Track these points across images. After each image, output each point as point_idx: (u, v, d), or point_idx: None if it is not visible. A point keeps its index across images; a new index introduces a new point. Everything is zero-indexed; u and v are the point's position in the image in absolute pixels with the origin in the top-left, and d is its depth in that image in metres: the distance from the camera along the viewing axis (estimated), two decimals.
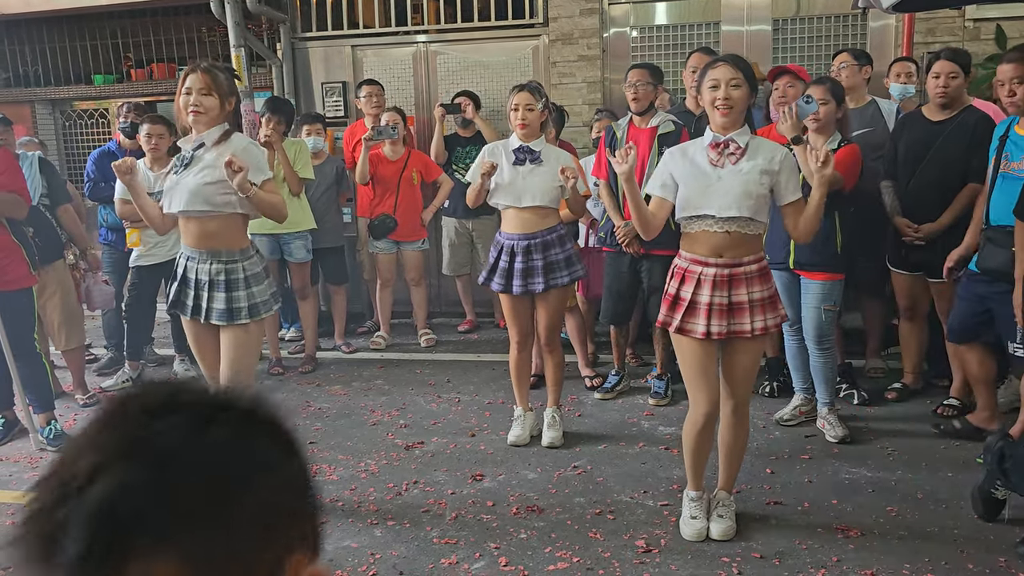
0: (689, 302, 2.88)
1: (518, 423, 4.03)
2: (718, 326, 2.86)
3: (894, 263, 4.22)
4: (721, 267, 2.85)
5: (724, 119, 2.81)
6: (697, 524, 3.05)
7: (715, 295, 2.85)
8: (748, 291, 2.86)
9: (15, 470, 3.91)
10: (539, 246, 3.73)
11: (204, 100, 3.06)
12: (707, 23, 5.98)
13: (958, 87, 3.90)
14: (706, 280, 2.86)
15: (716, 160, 2.86)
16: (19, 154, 4.66)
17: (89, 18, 7.31)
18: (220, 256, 3.14)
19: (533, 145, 3.75)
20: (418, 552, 3.01)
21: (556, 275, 3.76)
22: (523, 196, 3.72)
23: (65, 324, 4.74)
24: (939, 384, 4.40)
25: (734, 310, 2.86)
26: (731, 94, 2.78)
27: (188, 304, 3.17)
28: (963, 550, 2.89)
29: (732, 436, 3.03)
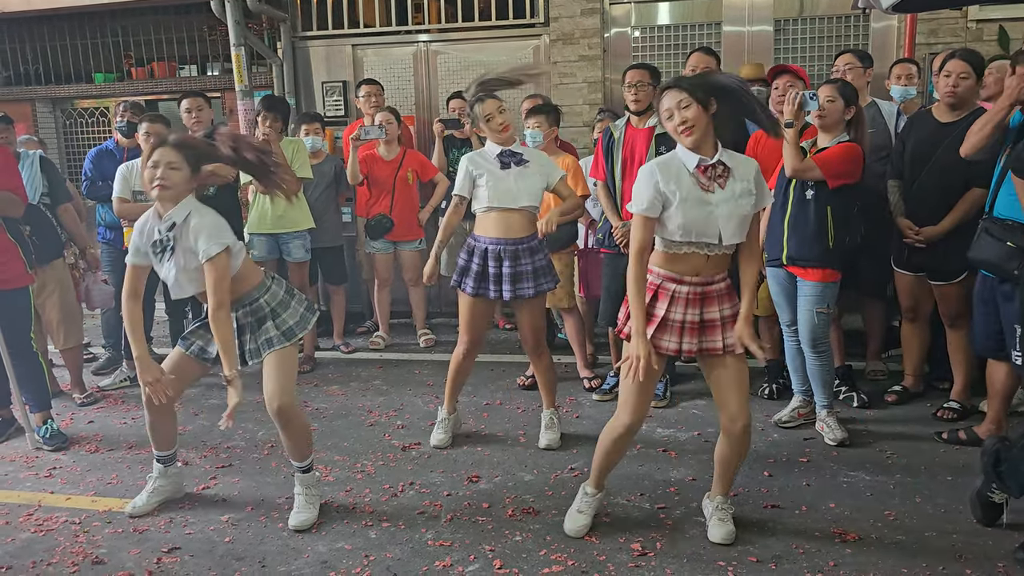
0: (662, 319, 2.85)
1: (441, 426, 4.02)
2: (689, 344, 2.86)
3: (898, 263, 4.19)
4: (695, 285, 2.83)
5: (689, 139, 2.75)
6: (580, 519, 3.09)
7: (688, 312, 2.84)
8: (719, 308, 2.85)
9: (11, 469, 3.90)
10: (527, 251, 3.72)
11: (172, 175, 3.01)
12: (709, 23, 5.96)
13: (968, 88, 3.83)
14: (680, 297, 2.84)
15: (706, 184, 2.78)
16: (20, 153, 4.66)
17: (90, 16, 7.31)
18: (242, 302, 3.17)
19: (515, 148, 3.75)
20: (412, 554, 2.99)
21: (543, 280, 3.76)
22: (519, 197, 3.70)
23: (64, 323, 4.74)
24: (940, 387, 4.38)
25: (706, 327, 2.86)
26: (685, 116, 2.72)
27: (212, 352, 3.21)
28: (961, 555, 2.86)
29: (734, 454, 2.95)
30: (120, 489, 3.63)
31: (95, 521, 3.34)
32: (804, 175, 3.70)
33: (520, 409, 4.46)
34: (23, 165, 4.57)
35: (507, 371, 5.08)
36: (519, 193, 3.70)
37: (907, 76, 4.67)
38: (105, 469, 3.87)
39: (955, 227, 3.86)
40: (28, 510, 3.44)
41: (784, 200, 3.82)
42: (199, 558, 3.02)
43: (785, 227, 3.81)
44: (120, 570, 2.96)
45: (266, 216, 5.13)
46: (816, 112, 3.70)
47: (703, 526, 3.11)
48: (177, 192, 3.05)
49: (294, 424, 3.20)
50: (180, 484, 3.53)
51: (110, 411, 4.69)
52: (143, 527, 3.26)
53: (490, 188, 3.70)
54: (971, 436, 3.73)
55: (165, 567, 2.97)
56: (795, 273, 3.84)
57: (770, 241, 3.90)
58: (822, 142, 3.78)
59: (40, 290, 4.59)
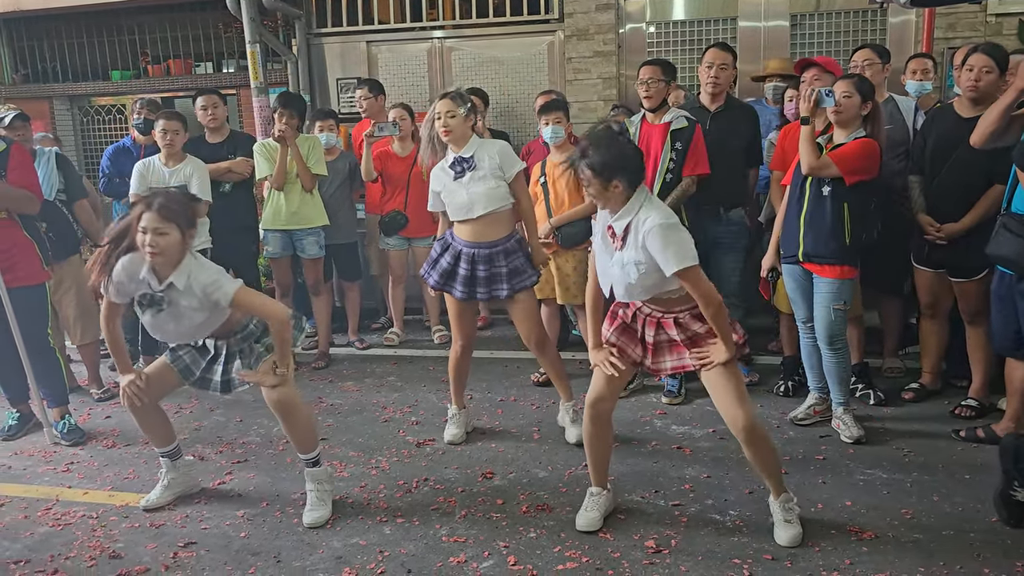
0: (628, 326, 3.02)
1: (453, 421, 4.03)
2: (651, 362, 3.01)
3: (918, 260, 4.15)
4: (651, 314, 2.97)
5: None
6: (588, 516, 3.10)
7: (646, 331, 2.97)
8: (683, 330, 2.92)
9: (29, 464, 3.94)
10: (500, 254, 3.72)
11: (161, 241, 2.95)
12: (724, 19, 5.94)
13: (990, 82, 3.76)
14: (640, 316, 2.99)
15: (611, 242, 2.89)
16: (36, 150, 4.69)
17: (107, 15, 7.37)
18: (235, 331, 3.24)
19: (464, 152, 3.69)
20: (427, 550, 2.99)
21: (520, 278, 3.75)
22: (473, 207, 3.67)
23: (80, 319, 4.78)
24: (957, 384, 4.34)
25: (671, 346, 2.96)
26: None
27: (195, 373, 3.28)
28: (979, 554, 2.84)
29: (753, 455, 2.93)
30: (137, 484, 3.66)
31: (112, 516, 3.36)
32: (821, 172, 3.67)
33: (534, 406, 4.45)
34: (39, 162, 4.60)
35: (521, 367, 5.07)
36: (472, 203, 3.67)
37: (923, 71, 4.62)
38: (122, 464, 3.89)
39: (976, 224, 3.82)
40: (46, 504, 3.47)
41: (800, 196, 3.79)
42: (215, 553, 3.04)
43: (801, 224, 3.78)
44: (137, 564, 2.98)
45: (280, 212, 5.14)
46: (832, 108, 3.67)
47: (718, 523, 3.10)
48: (171, 257, 3.01)
49: (295, 415, 3.22)
50: (193, 477, 3.55)
51: None
52: (160, 522, 3.29)
53: (447, 203, 3.74)
54: (989, 434, 3.70)
55: (181, 561, 2.99)
56: (811, 270, 3.81)
57: (786, 238, 3.87)
58: (838, 138, 3.75)
59: (57, 286, 4.63)
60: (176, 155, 4.79)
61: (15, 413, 4.31)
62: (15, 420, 4.29)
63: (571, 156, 2.86)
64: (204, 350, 3.27)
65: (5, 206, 3.99)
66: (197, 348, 3.28)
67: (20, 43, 7.70)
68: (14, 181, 3.96)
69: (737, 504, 3.24)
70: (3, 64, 7.74)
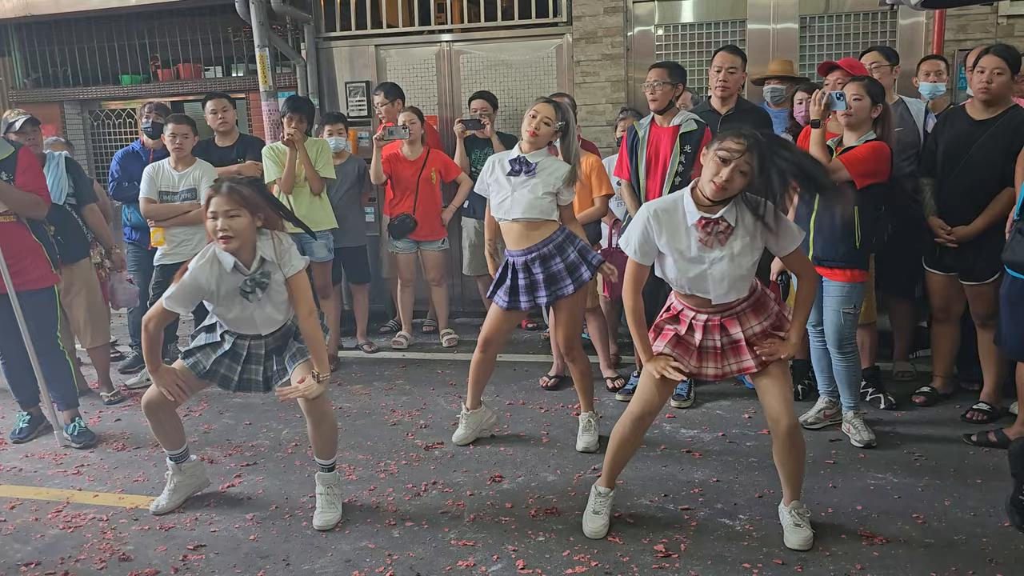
0: (681, 338, 2.90)
1: (462, 422, 4.02)
2: (711, 368, 2.90)
3: (929, 263, 4.13)
4: (712, 314, 2.86)
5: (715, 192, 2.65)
6: (598, 520, 3.07)
7: (707, 339, 2.86)
8: (743, 328, 2.85)
9: (40, 466, 3.95)
10: (536, 260, 3.67)
11: (233, 223, 2.99)
12: (733, 21, 5.92)
13: (1002, 84, 3.74)
14: (698, 325, 2.87)
15: (706, 240, 2.73)
16: (46, 154, 4.71)
17: (117, 19, 7.39)
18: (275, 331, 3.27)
19: (530, 157, 3.67)
20: (436, 554, 2.99)
21: (560, 286, 3.67)
22: (512, 209, 3.66)
23: (90, 322, 4.80)
24: (969, 388, 4.31)
25: (730, 350, 2.88)
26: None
27: (234, 379, 3.27)
28: (992, 559, 2.82)
29: (786, 456, 2.92)
30: (147, 487, 3.67)
31: (122, 518, 3.37)
32: (832, 176, 3.64)
33: (543, 409, 4.45)
34: (49, 166, 4.62)
35: (530, 371, 5.07)
36: (512, 205, 3.66)
37: (936, 73, 4.59)
38: (132, 467, 3.90)
39: (988, 227, 3.80)
40: (57, 507, 3.49)
41: (810, 199, 3.77)
42: (224, 556, 3.05)
43: (811, 227, 3.76)
44: (147, 567, 2.98)
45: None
46: (843, 112, 3.66)
47: (728, 527, 3.09)
48: (245, 240, 3.04)
49: (327, 421, 3.24)
50: (202, 477, 3.56)
51: (137, 409, 4.71)
52: (169, 524, 3.29)
53: (492, 193, 3.76)
54: (1001, 438, 3.67)
55: (191, 564, 2.99)
56: (821, 274, 3.80)
57: None
58: (848, 141, 3.74)
59: (67, 290, 4.65)
60: (185, 159, 4.81)
61: (26, 416, 4.32)
62: (26, 423, 4.31)
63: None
64: (236, 354, 3.26)
65: (14, 210, 4.01)
66: (213, 346, 3.26)
67: (31, 48, 7.74)
68: (23, 185, 3.98)
69: (747, 508, 3.23)
70: (14, 69, 7.78)
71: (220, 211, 2.98)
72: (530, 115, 3.67)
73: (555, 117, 3.63)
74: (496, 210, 3.74)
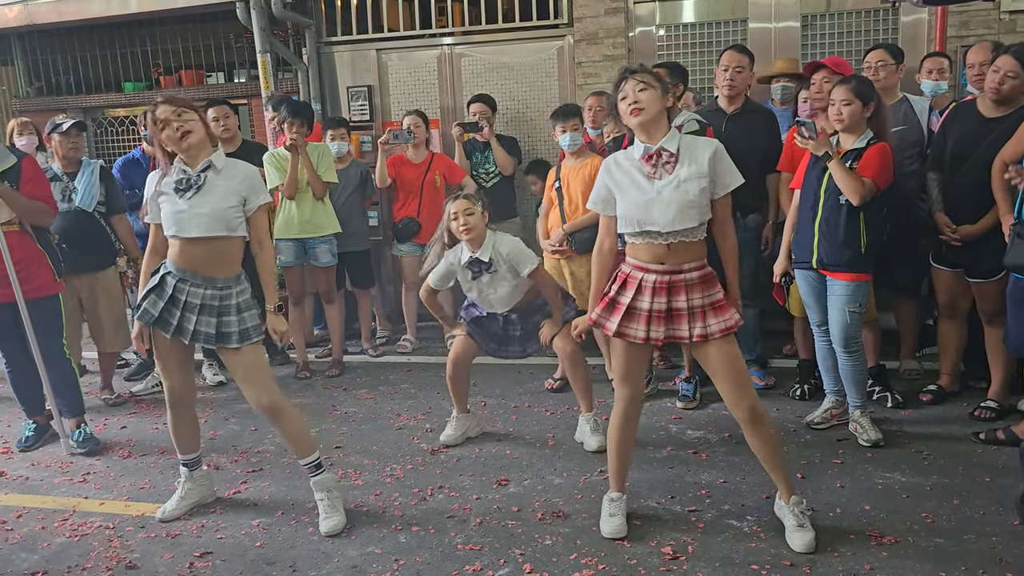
0: (628, 307, 2.93)
1: (451, 423, 4.08)
2: (656, 331, 2.91)
3: (936, 259, 4.11)
4: (661, 274, 2.88)
5: (635, 119, 2.82)
6: (614, 521, 3.08)
7: (655, 301, 2.89)
8: (688, 298, 2.87)
9: (46, 475, 3.96)
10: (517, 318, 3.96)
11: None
12: (734, 20, 5.90)
13: (1014, 87, 3.70)
14: (647, 286, 2.90)
15: (652, 172, 2.86)
16: (82, 160, 4.72)
17: (119, 27, 7.41)
18: (216, 283, 3.17)
19: (481, 255, 3.75)
20: (442, 558, 2.98)
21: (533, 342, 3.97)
22: (497, 305, 3.92)
23: (112, 328, 4.83)
24: (976, 386, 4.29)
25: (673, 316, 2.90)
26: (640, 96, 2.80)
27: (172, 323, 3.17)
28: (1001, 558, 2.80)
29: (758, 444, 2.95)
30: (153, 494, 3.67)
31: (128, 526, 3.37)
32: (870, 196, 3.58)
33: (549, 412, 4.44)
34: (83, 172, 4.66)
35: (535, 374, 5.06)
36: (496, 303, 3.91)
37: (938, 70, 4.57)
38: (138, 474, 3.90)
39: (993, 225, 3.77)
40: (63, 515, 3.49)
41: (815, 203, 3.74)
42: (231, 562, 3.04)
43: (816, 231, 3.73)
44: (153, 574, 2.98)
45: (292, 221, 5.15)
46: (835, 118, 3.64)
47: (735, 529, 3.08)
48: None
49: (286, 416, 3.25)
50: (210, 488, 3.56)
51: (142, 417, 4.73)
52: (176, 532, 3.29)
53: (471, 294, 3.94)
54: (1009, 436, 3.65)
55: (197, 571, 2.99)
56: (825, 274, 3.78)
57: (799, 243, 3.84)
58: (845, 143, 3.71)
59: (91, 295, 4.69)
60: None
61: (31, 424, 4.33)
62: (32, 431, 4.32)
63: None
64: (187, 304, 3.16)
65: (22, 217, 4.02)
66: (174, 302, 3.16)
67: (34, 56, 7.76)
68: (28, 193, 3.99)
69: (754, 509, 3.21)
70: (17, 77, 7.80)
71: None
72: (451, 218, 3.75)
73: (472, 203, 3.75)
74: (482, 304, 3.96)
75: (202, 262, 3.15)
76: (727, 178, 2.88)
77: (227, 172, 3.16)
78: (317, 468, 3.31)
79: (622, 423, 3.09)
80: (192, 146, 3.11)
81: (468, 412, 4.11)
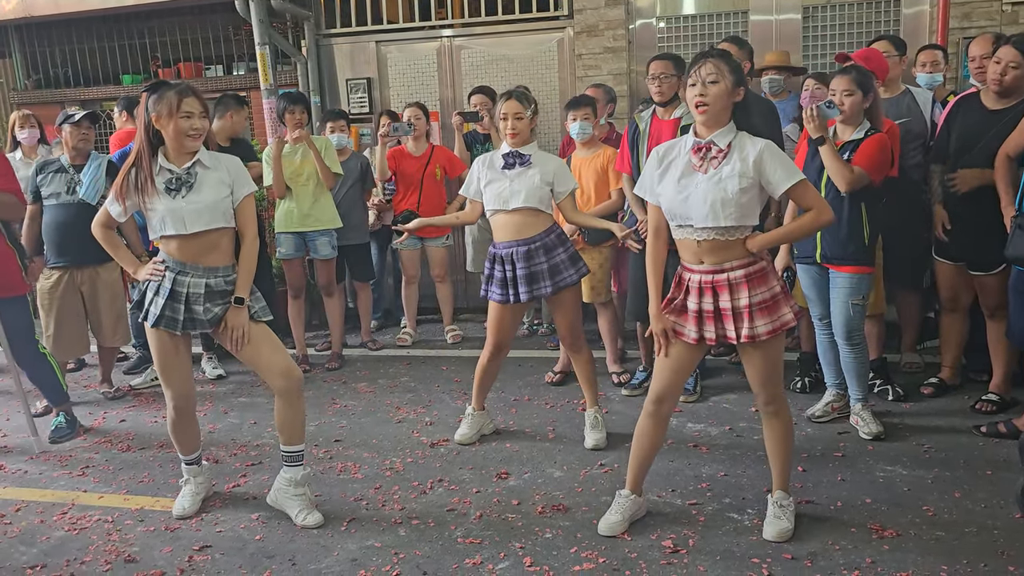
0: (681, 304, 2.88)
1: (466, 421, 4.01)
2: (708, 331, 2.84)
3: (938, 252, 4.10)
4: (704, 273, 2.81)
5: (702, 116, 2.74)
6: (611, 517, 3.05)
7: (702, 301, 2.82)
8: (732, 298, 2.78)
9: (45, 468, 3.94)
10: (540, 250, 3.66)
11: (204, 123, 3.10)
12: (735, 12, 5.88)
13: (1016, 78, 3.68)
14: (693, 287, 2.84)
15: (699, 165, 2.77)
16: (91, 153, 4.71)
17: (117, 19, 7.39)
18: (217, 271, 3.15)
19: (523, 150, 3.68)
20: (442, 552, 2.97)
21: (563, 275, 3.68)
22: (511, 199, 3.65)
23: (113, 323, 4.80)
24: (977, 379, 4.28)
25: (721, 316, 2.81)
26: (708, 90, 2.70)
27: (179, 319, 3.13)
28: (1003, 551, 2.79)
29: (771, 438, 2.96)
30: (152, 488, 3.66)
31: (127, 520, 3.36)
32: (859, 185, 3.57)
33: (549, 405, 4.43)
34: (89, 165, 4.64)
35: (535, 367, 5.05)
36: (511, 195, 3.65)
37: (932, 63, 4.56)
38: (137, 468, 3.89)
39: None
40: (62, 509, 3.48)
41: None
42: (230, 556, 3.03)
43: None
44: (152, 568, 2.97)
45: (292, 215, 5.14)
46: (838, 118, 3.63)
47: (736, 522, 3.07)
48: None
49: (301, 400, 3.25)
50: (208, 479, 3.55)
51: (141, 410, 4.72)
52: (175, 526, 3.28)
53: (487, 192, 3.73)
54: (1011, 429, 3.65)
55: (196, 565, 2.98)
56: (828, 267, 3.77)
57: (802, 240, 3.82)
58: (843, 134, 3.69)
59: (93, 289, 4.68)
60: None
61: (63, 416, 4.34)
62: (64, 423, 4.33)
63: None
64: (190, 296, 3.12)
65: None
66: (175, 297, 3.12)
67: (32, 49, 7.74)
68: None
69: (755, 502, 3.20)
70: (15, 70, 7.77)
71: (196, 112, 3.06)
72: (500, 118, 3.67)
73: (523, 108, 3.65)
74: (493, 202, 3.70)
75: (203, 254, 3.13)
76: (779, 175, 2.72)
77: (213, 165, 3.15)
78: (299, 459, 3.30)
79: (654, 424, 3.00)
80: (194, 146, 3.09)
81: (484, 409, 4.06)
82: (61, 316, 4.60)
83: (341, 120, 5.50)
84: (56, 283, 4.58)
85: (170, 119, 3.04)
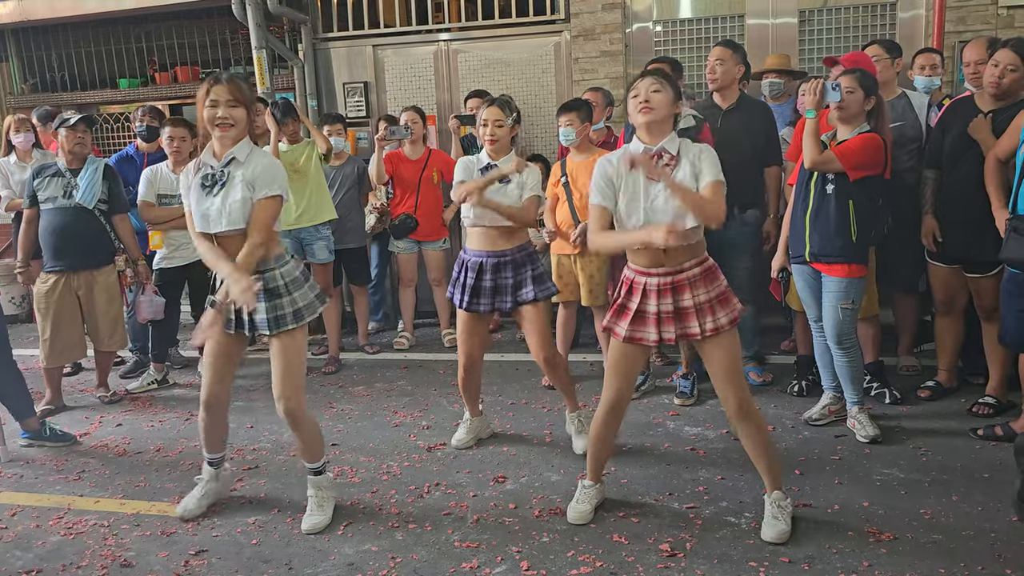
0: (637, 311, 2.94)
1: (464, 426, 4.01)
2: (667, 332, 2.93)
3: (932, 256, 4.10)
4: (663, 276, 2.89)
5: (646, 117, 2.82)
6: (579, 507, 3.15)
7: (661, 303, 2.90)
8: (693, 295, 2.88)
9: (40, 473, 3.93)
10: (509, 264, 3.65)
11: (233, 112, 2.98)
12: (732, 16, 5.89)
13: (1014, 80, 3.69)
14: (651, 290, 2.91)
15: (652, 173, 2.84)
16: (88, 157, 4.69)
17: (114, 23, 7.38)
18: (258, 267, 3.08)
19: (501, 163, 3.64)
20: (439, 556, 2.97)
21: (523, 291, 3.66)
22: (487, 214, 3.60)
23: (109, 327, 4.79)
24: (974, 382, 4.29)
25: (682, 315, 2.90)
26: (652, 98, 2.81)
27: (231, 319, 3.13)
28: (1000, 555, 2.79)
29: (746, 437, 2.98)
30: (148, 492, 3.65)
31: (123, 524, 3.35)
32: (824, 167, 3.62)
33: (546, 408, 4.43)
34: (86, 169, 4.63)
35: (532, 371, 5.04)
36: (484, 212, 3.59)
37: (931, 66, 4.56)
38: (133, 472, 3.88)
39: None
40: (58, 513, 3.47)
41: (806, 195, 3.75)
42: (226, 560, 3.02)
43: (807, 223, 3.74)
44: (148, 573, 2.96)
45: (288, 212, 5.11)
46: (836, 104, 3.63)
47: (733, 526, 3.07)
48: (239, 130, 3.04)
49: (306, 424, 3.20)
50: (227, 487, 3.54)
51: (137, 415, 4.71)
52: (171, 530, 3.27)
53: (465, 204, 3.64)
54: (1007, 432, 3.65)
55: (192, 569, 2.97)
56: (819, 269, 3.77)
57: (793, 237, 3.84)
58: (842, 134, 3.71)
59: (89, 293, 4.66)
60: (183, 161, 4.79)
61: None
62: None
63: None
64: None
65: None
66: None
67: (28, 53, 7.73)
68: None
69: (752, 506, 3.20)
70: (12, 74, 7.77)
71: (222, 100, 2.96)
72: (481, 124, 3.65)
73: (504, 116, 3.63)
74: (473, 213, 3.64)
75: (233, 254, 3.04)
76: (707, 170, 2.84)
77: (247, 162, 3.05)
78: (319, 471, 3.30)
79: (607, 418, 3.11)
80: (225, 137, 3.02)
81: (481, 415, 4.05)
82: (58, 320, 4.59)
83: (338, 123, 5.50)
84: (53, 287, 4.58)
85: (201, 108, 2.98)
